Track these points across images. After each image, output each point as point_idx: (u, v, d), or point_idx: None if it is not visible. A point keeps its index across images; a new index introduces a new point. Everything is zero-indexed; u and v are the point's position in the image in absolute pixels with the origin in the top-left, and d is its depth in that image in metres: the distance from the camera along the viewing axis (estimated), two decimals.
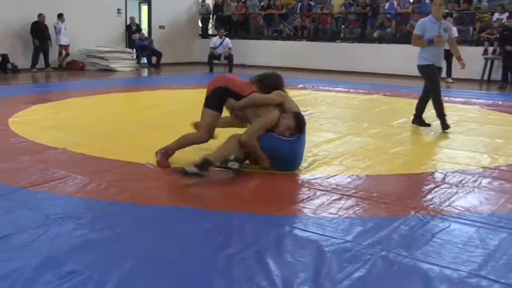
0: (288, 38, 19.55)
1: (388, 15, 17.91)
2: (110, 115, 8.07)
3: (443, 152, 5.99)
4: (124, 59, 16.97)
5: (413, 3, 17.92)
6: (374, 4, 18.14)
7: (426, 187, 4.51)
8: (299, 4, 19.74)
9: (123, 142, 6.13)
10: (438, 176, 4.85)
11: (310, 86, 12.07)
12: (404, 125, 7.48)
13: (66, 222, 3.46)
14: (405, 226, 3.53)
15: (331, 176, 4.72)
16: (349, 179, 4.66)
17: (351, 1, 18.95)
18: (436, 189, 4.42)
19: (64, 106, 8.98)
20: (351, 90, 11.68)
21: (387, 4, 17.96)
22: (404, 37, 17.19)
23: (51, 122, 7.30)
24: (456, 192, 4.32)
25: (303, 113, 4.97)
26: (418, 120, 7.46)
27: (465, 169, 5.05)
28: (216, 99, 4.90)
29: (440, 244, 3.23)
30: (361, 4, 18.34)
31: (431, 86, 7.14)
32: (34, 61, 15.13)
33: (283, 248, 3.15)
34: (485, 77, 15.14)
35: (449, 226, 3.55)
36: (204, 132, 4.93)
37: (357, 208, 3.90)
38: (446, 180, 4.70)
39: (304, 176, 4.77)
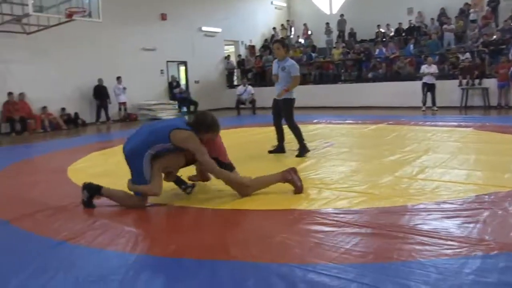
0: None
1: (378, 59, 16.79)
2: None
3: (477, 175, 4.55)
4: (168, 109, 16.07)
5: (399, 48, 16.94)
6: (366, 51, 17.16)
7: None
8: (304, 55, 18.82)
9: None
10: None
11: (324, 121, 10.96)
12: (416, 150, 6.22)
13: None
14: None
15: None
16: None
17: (347, 50, 17.99)
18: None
19: (113, 153, 7.42)
20: (359, 121, 10.49)
21: (377, 50, 16.89)
22: (393, 76, 16.18)
23: (101, 168, 6.04)
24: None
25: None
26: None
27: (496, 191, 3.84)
28: None
29: None
30: (356, 51, 17.44)
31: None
32: (97, 116, 14.56)
33: None
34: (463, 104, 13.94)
35: None
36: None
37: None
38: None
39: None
